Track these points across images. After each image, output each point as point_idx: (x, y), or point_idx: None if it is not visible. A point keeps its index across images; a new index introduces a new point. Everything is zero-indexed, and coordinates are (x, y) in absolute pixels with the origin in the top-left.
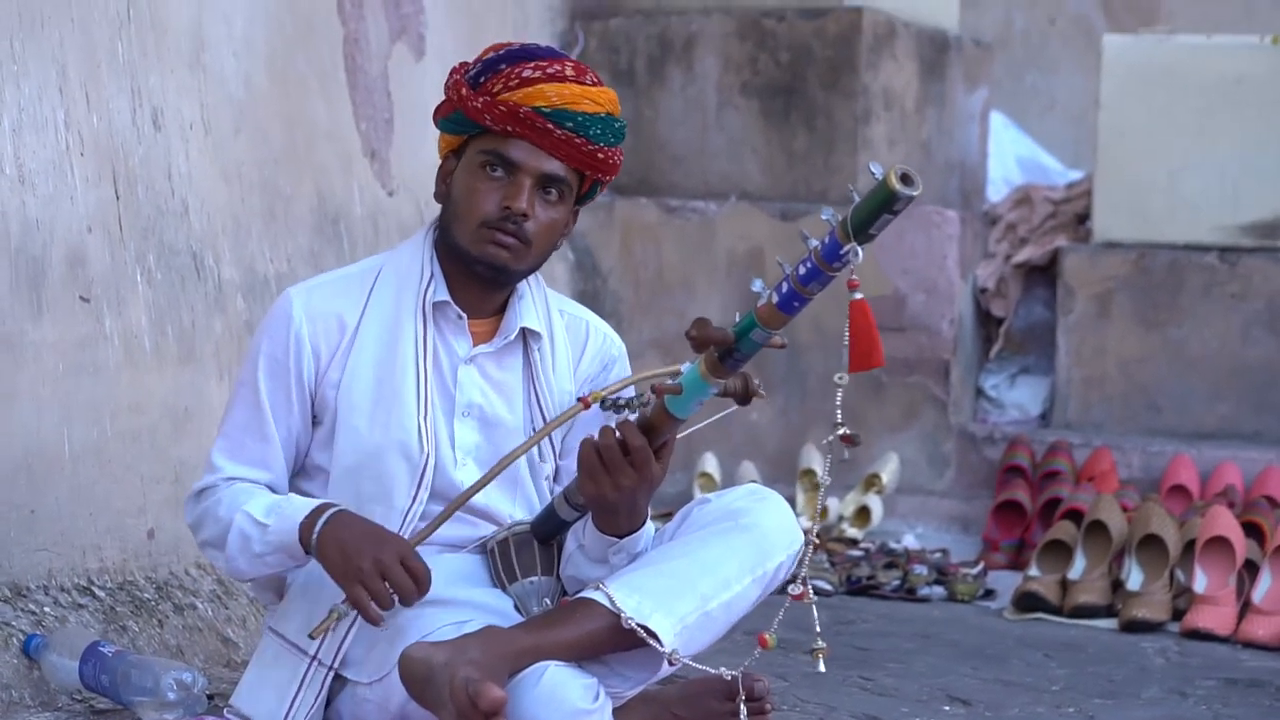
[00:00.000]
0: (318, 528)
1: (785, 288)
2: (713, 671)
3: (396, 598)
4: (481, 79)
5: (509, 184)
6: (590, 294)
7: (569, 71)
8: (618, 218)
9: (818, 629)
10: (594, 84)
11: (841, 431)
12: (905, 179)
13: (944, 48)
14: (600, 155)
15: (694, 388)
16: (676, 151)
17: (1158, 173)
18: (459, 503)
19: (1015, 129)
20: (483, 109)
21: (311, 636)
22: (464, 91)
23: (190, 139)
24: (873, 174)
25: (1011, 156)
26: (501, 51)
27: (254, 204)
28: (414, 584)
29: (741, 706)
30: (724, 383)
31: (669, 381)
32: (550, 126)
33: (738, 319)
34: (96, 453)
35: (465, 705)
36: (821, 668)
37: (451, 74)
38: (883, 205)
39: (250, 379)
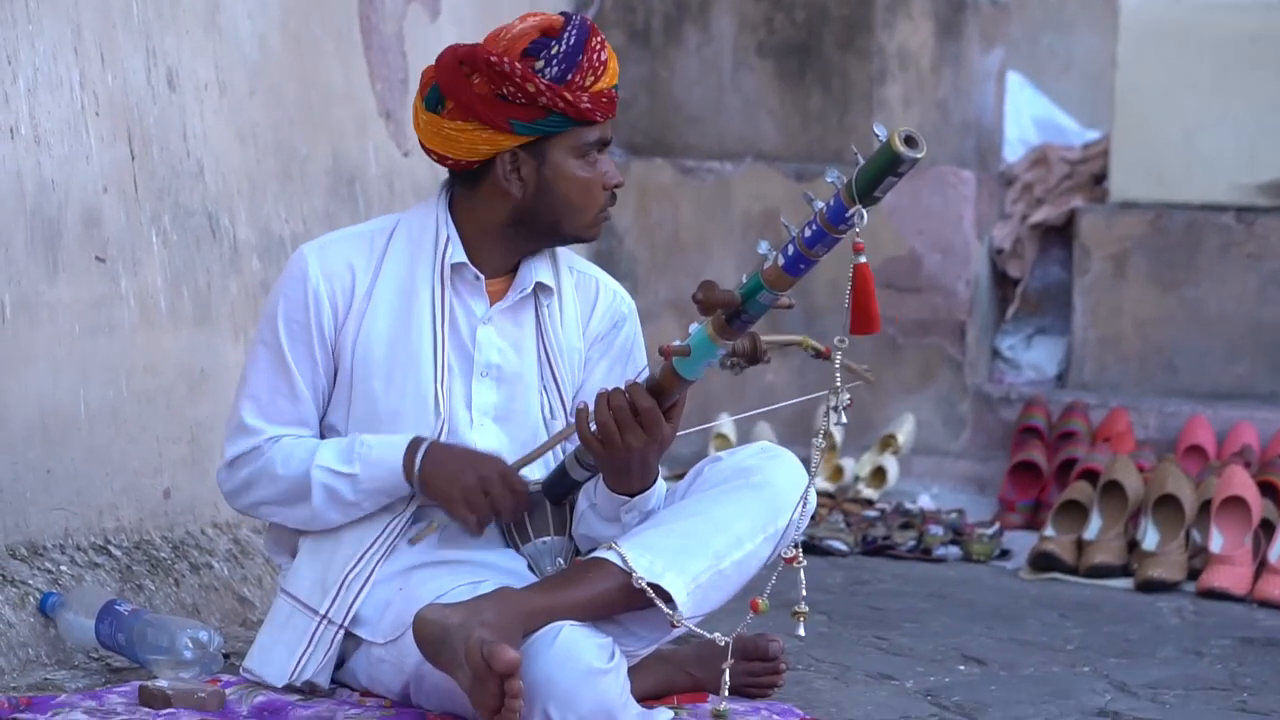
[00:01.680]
0: (418, 462)
1: (791, 250)
2: (718, 637)
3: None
4: (568, 74)
5: (602, 163)
6: (606, 254)
7: (604, 39)
8: (633, 179)
9: (803, 591)
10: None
11: (845, 400)
12: (909, 141)
13: (960, 7)
14: None
15: (702, 349)
16: (692, 112)
17: (1174, 133)
18: (564, 435)
19: (1032, 89)
20: (593, 106)
21: (411, 542)
22: (561, 91)
23: (205, 100)
24: (876, 136)
25: (1028, 116)
26: (559, 37)
27: (269, 165)
28: (515, 501)
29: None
30: (732, 344)
31: (677, 343)
32: (616, 97)
33: (744, 280)
34: (113, 413)
35: (480, 667)
36: (801, 631)
37: (505, 79)
38: (887, 167)
39: (272, 340)
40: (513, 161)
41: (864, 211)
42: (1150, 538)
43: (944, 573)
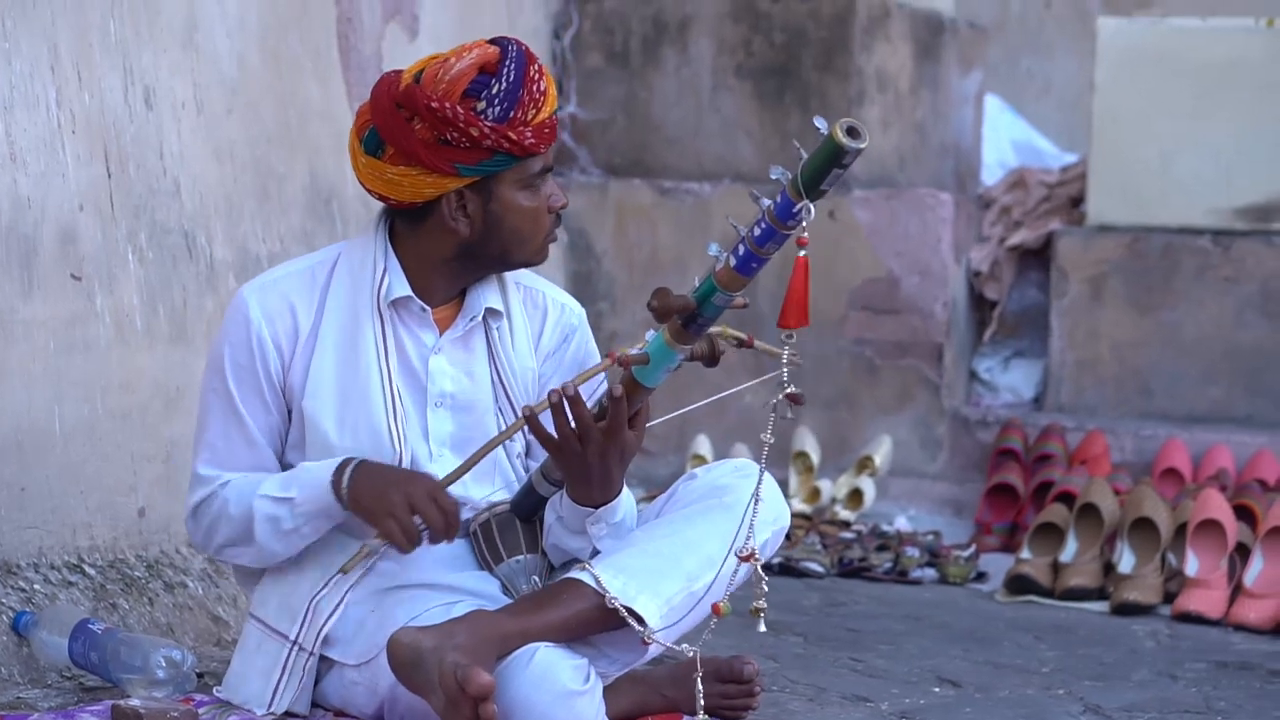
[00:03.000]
0: (346, 477)
1: (742, 249)
2: (686, 649)
3: (426, 535)
4: (510, 112)
5: (545, 185)
6: (584, 275)
7: (542, 68)
8: (612, 199)
9: (765, 588)
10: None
11: (789, 390)
12: (851, 132)
13: (939, 30)
14: None
15: (660, 356)
16: (671, 133)
17: (1152, 156)
18: (480, 455)
19: (1010, 112)
20: (536, 140)
21: (343, 571)
22: (504, 131)
23: (182, 118)
24: (818, 130)
25: (1006, 139)
26: (497, 74)
27: (246, 183)
28: (444, 519)
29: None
30: (690, 348)
31: (634, 351)
32: (554, 120)
33: (696, 284)
34: (87, 431)
35: (454, 690)
36: (762, 628)
37: (448, 124)
38: (831, 160)
39: (220, 387)
40: (458, 200)
41: (811, 206)
42: (1126, 561)
43: (920, 595)
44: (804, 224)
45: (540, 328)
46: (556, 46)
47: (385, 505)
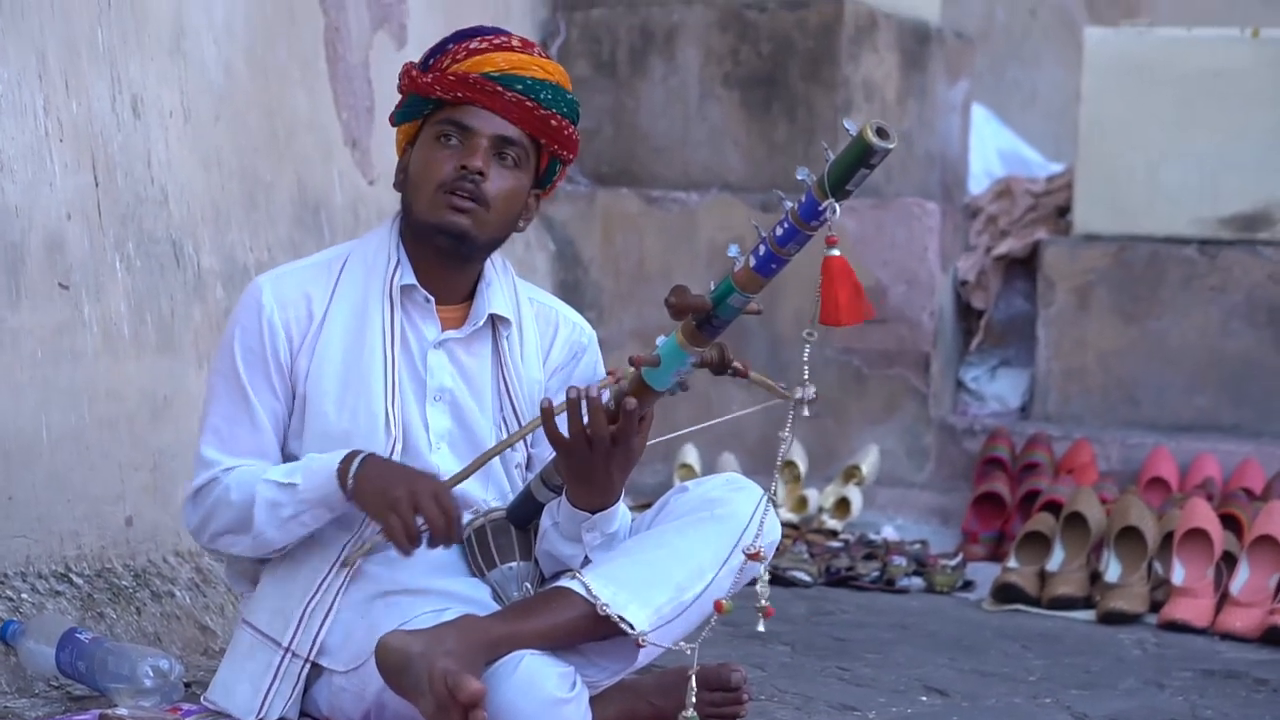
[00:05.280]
0: (353, 469)
1: (763, 250)
2: (683, 646)
3: (426, 534)
4: (431, 59)
5: (464, 149)
6: (571, 284)
7: (515, 43)
8: (599, 208)
9: (767, 589)
10: (542, 55)
11: (810, 391)
12: (880, 133)
13: (925, 40)
14: (554, 122)
15: (671, 358)
16: (658, 142)
17: (1138, 166)
18: (491, 454)
19: (996, 122)
20: (433, 83)
21: (347, 564)
22: (414, 74)
23: (170, 127)
24: (847, 130)
25: (993, 149)
26: (449, 35)
27: (234, 192)
28: (445, 521)
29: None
30: (701, 352)
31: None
32: (500, 89)
33: (712, 286)
34: (75, 439)
35: (444, 696)
36: (761, 627)
37: (403, 69)
38: (859, 159)
39: (229, 370)
40: (402, 160)
41: (837, 205)
42: (1112, 570)
43: (907, 604)
44: (829, 224)
45: (550, 343)
46: None
47: (388, 500)
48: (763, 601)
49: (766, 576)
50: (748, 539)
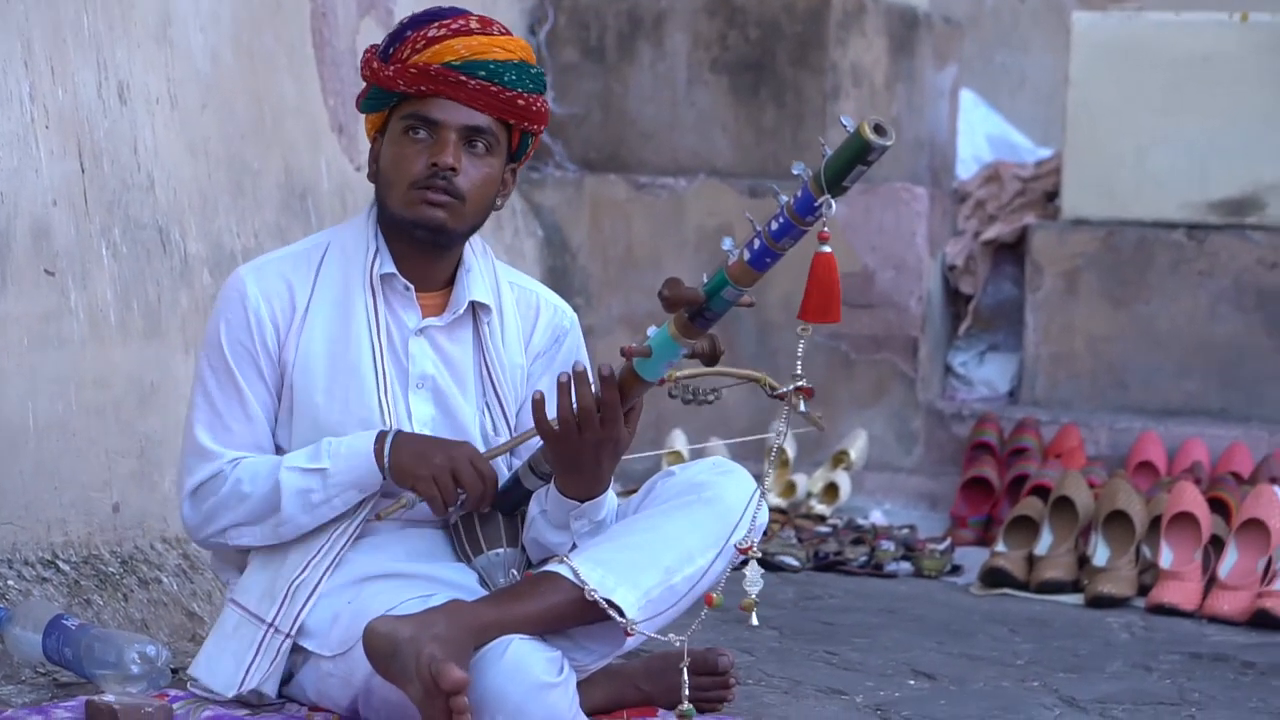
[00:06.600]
0: (388, 447)
1: (757, 244)
2: (672, 638)
3: (463, 497)
4: (390, 49)
5: (434, 143)
6: (559, 270)
7: (474, 25)
8: (587, 194)
9: (760, 582)
10: (501, 33)
11: (800, 383)
12: (879, 129)
13: (914, 25)
14: (520, 102)
15: (663, 349)
16: (646, 128)
17: (1126, 150)
18: (524, 437)
19: (985, 106)
20: (395, 76)
21: (378, 518)
22: (375, 65)
23: (156, 113)
24: (844, 126)
25: (981, 134)
26: (406, 19)
27: (221, 179)
28: (482, 485)
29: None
30: (693, 343)
31: (637, 345)
32: (463, 78)
33: (705, 279)
34: (61, 426)
35: (429, 683)
36: (754, 621)
37: (364, 55)
38: (857, 156)
39: (219, 364)
40: (373, 149)
41: (832, 201)
42: (1101, 553)
43: (895, 588)
44: (824, 220)
45: (532, 327)
46: (532, 42)
47: (428, 466)
48: (751, 595)
49: (757, 578)
50: (739, 535)
